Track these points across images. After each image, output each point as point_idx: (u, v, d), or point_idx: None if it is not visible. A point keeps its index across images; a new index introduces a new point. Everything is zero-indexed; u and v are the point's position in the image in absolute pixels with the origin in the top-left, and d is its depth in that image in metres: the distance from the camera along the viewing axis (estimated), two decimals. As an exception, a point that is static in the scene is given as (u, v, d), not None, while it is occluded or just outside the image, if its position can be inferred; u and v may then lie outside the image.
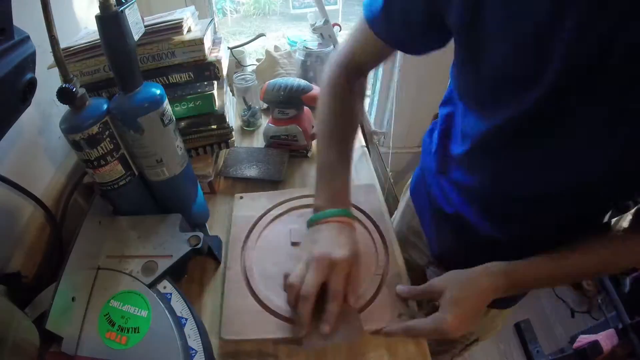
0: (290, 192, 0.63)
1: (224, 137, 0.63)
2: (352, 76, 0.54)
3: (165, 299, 0.43)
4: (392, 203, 1.20)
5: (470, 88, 0.43)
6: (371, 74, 1.43)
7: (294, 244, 0.54)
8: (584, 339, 1.14)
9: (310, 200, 0.60)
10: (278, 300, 0.47)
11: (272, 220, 0.58)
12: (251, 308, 0.47)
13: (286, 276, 0.44)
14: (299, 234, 0.54)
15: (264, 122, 0.82)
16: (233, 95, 0.83)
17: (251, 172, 0.68)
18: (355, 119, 0.55)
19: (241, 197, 0.63)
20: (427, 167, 0.63)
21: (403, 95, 1.28)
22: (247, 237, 0.56)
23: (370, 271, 0.50)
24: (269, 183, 0.68)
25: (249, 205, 0.61)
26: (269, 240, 0.56)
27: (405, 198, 0.75)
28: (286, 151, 0.72)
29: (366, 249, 0.53)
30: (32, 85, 0.38)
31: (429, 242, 0.66)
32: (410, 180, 0.74)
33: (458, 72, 0.43)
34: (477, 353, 1.30)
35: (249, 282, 0.50)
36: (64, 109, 0.42)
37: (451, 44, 0.43)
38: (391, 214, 0.69)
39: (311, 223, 0.48)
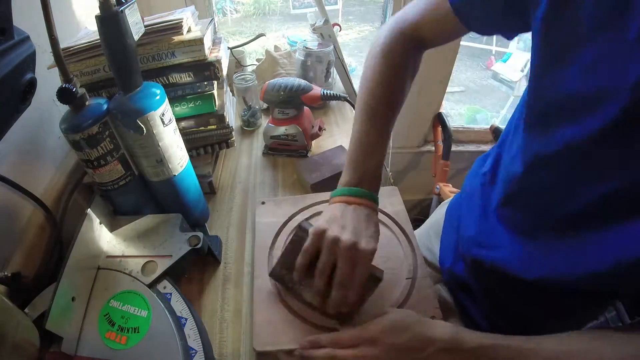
0: (312, 197, 0.61)
1: (224, 137, 0.63)
2: (410, 47, 0.49)
3: (165, 299, 0.43)
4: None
5: (541, 100, 0.37)
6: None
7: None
8: (584, 339, 1.14)
9: None
10: (310, 308, 0.46)
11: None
12: (283, 317, 0.46)
13: (301, 226, 0.46)
14: None
15: (264, 122, 0.83)
16: (233, 95, 0.83)
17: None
18: (403, 96, 0.51)
19: (263, 203, 0.61)
20: (469, 190, 0.59)
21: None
22: (273, 244, 0.55)
23: (401, 276, 0.50)
24: (269, 186, 0.68)
25: (272, 211, 0.59)
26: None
27: (436, 214, 0.73)
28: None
29: (395, 253, 0.53)
30: (32, 85, 0.38)
31: (441, 266, 0.64)
32: (448, 200, 0.72)
33: (530, 79, 0.38)
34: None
35: (279, 291, 0.49)
36: (64, 109, 0.42)
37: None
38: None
39: (336, 198, 0.45)
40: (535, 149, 0.39)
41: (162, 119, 0.45)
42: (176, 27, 0.54)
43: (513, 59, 3.01)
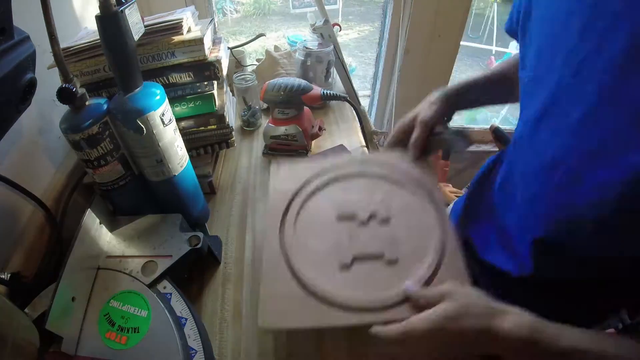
0: (332, 160, 0.56)
1: (224, 137, 0.63)
2: None
3: (165, 299, 0.43)
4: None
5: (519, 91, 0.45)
6: (370, 74, 1.43)
7: (339, 217, 0.48)
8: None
9: (355, 169, 0.54)
10: (326, 284, 0.41)
11: (313, 192, 0.51)
12: (293, 293, 0.41)
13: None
14: (345, 206, 0.49)
15: (264, 122, 0.83)
16: (233, 95, 0.83)
17: None
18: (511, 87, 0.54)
19: (277, 166, 0.56)
20: (476, 192, 0.62)
21: (403, 95, 1.28)
22: (286, 211, 0.49)
23: (429, 247, 0.44)
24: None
25: (287, 176, 0.54)
26: (311, 215, 0.49)
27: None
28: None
29: (422, 221, 0.47)
30: (32, 85, 0.39)
31: None
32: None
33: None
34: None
35: (290, 263, 0.44)
36: (64, 109, 0.42)
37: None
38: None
39: None
40: (515, 135, 0.45)
41: (162, 119, 0.45)
42: (176, 27, 0.54)
43: (513, 59, 3.00)
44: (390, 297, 0.40)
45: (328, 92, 0.69)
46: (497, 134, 1.28)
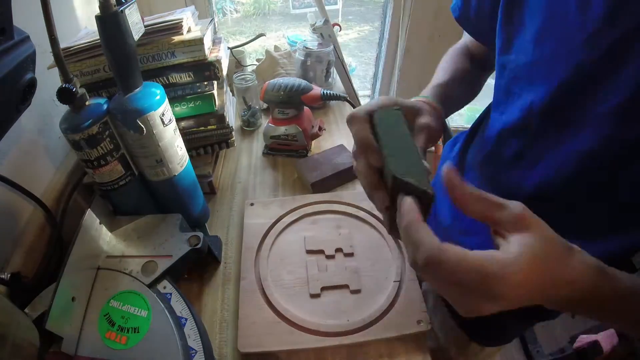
0: (302, 199, 0.62)
1: (224, 137, 0.63)
2: (469, 57, 0.56)
3: (165, 299, 0.43)
4: (392, 203, 1.20)
5: (503, 77, 0.44)
6: (370, 74, 1.43)
7: (308, 251, 0.53)
8: (584, 339, 1.14)
9: (322, 207, 0.60)
10: (295, 310, 0.47)
11: (285, 227, 0.57)
12: (268, 319, 0.46)
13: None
14: (314, 242, 0.54)
15: (264, 122, 0.83)
16: (233, 95, 0.83)
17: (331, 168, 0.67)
18: (470, 77, 0.55)
19: (252, 204, 0.61)
20: (441, 179, 0.62)
21: (403, 95, 1.28)
22: (260, 245, 0.55)
23: (388, 279, 0.50)
24: (269, 186, 0.68)
25: (261, 213, 0.60)
26: (283, 248, 0.55)
27: None
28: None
29: (383, 255, 0.53)
30: (32, 85, 0.38)
31: None
32: None
33: (495, 61, 0.44)
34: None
35: (265, 292, 0.49)
36: (64, 109, 0.42)
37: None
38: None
39: None
40: (504, 121, 0.43)
41: (162, 119, 0.45)
42: (176, 27, 0.54)
43: (513, 59, 3.00)
44: (355, 323, 0.45)
45: (328, 92, 0.69)
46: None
